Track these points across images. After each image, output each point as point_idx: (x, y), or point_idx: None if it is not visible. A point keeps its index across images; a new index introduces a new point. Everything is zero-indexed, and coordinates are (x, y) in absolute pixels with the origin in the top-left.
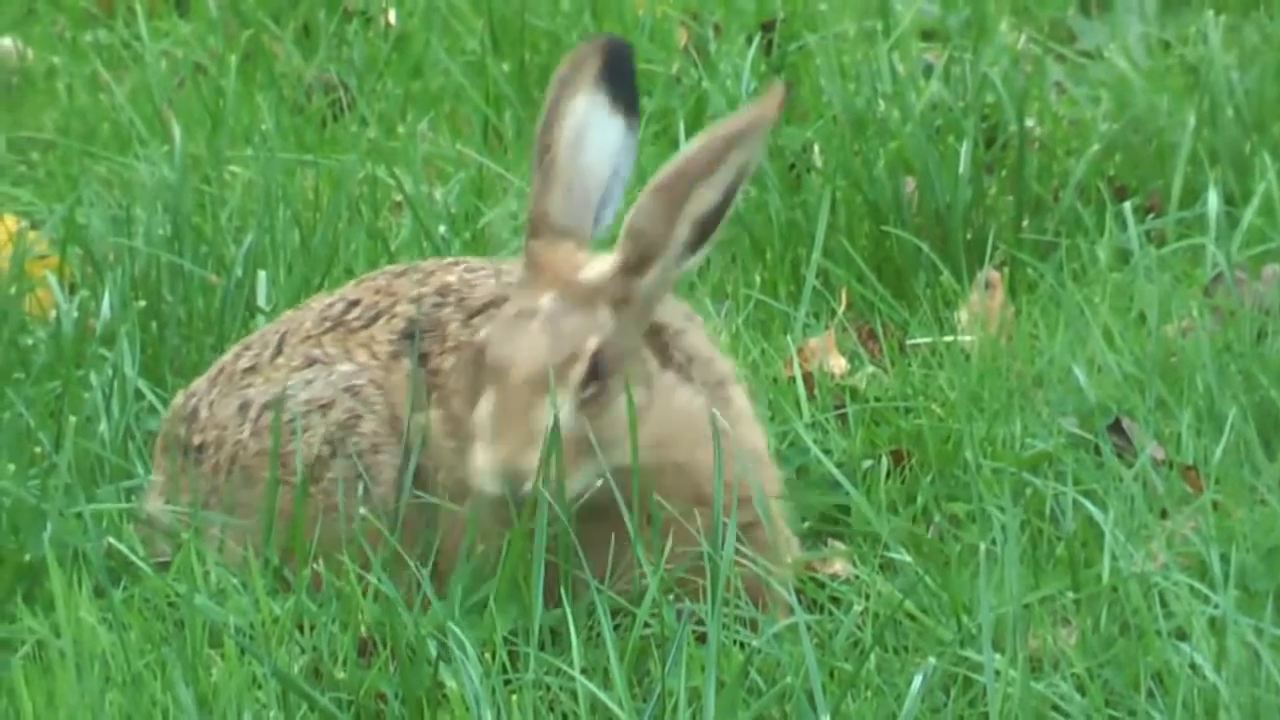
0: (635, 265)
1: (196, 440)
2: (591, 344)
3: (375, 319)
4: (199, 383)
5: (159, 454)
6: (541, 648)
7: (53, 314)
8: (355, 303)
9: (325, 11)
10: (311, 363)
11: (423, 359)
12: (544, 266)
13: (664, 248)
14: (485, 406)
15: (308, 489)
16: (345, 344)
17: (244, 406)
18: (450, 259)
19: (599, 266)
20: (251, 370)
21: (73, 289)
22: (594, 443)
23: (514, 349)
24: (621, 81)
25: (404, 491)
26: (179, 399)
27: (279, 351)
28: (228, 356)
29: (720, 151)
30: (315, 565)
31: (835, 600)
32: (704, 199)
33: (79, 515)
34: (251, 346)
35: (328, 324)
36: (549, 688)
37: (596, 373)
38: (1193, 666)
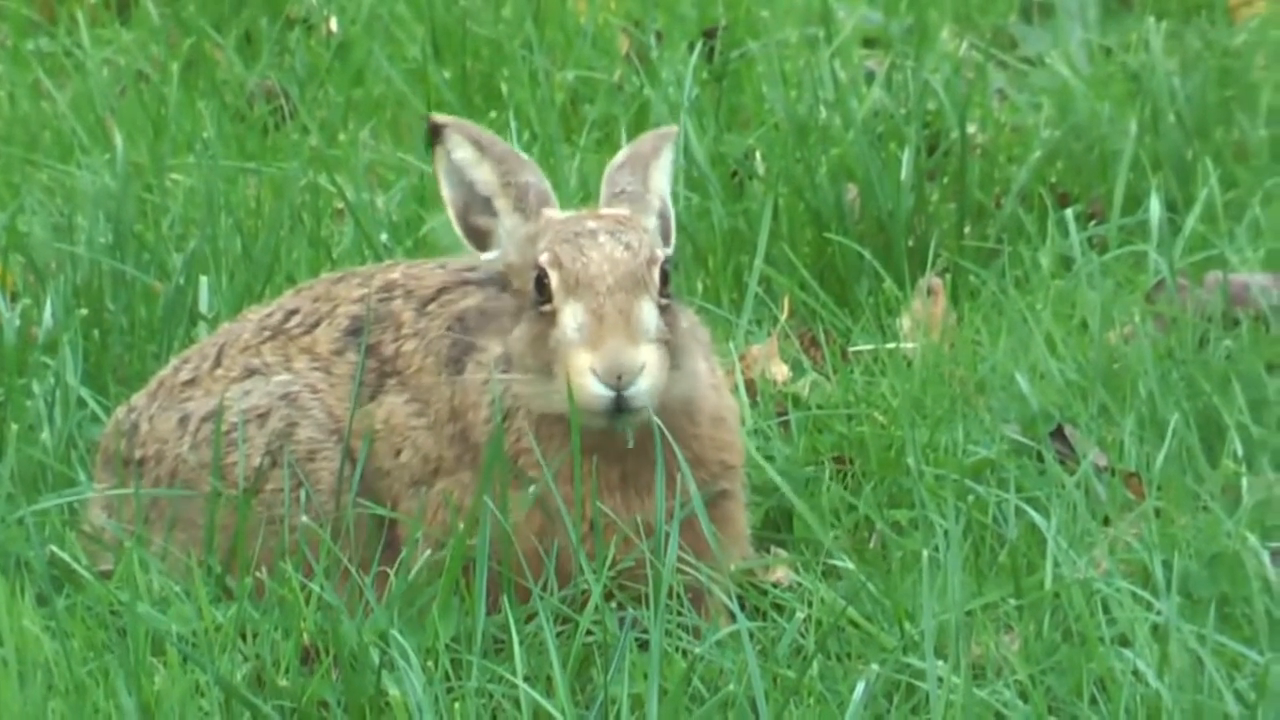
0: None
1: (137, 454)
2: (660, 252)
3: (316, 324)
4: (138, 397)
5: (99, 468)
6: (484, 655)
7: None
8: (294, 311)
9: (267, 19)
10: (251, 373)
11: (374, 349)
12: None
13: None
14: (575, 317)
15: (249, 500)
16: (285, 351)
17: (184, 420)
18: (388, 262)
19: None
20: (191, 383)
21: (14, 297)
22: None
23: (595, 259)
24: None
25: (343, 494)
26: (119, 413)
27: (218, 363)
28: (166, 370)
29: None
30: (258, 573)
31: (778, 607)
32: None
33: (21, 523)
34: (190, 359)
35: (267, 333)
36: (492, 695)
37: (666, 280)
38: (1135, 673)
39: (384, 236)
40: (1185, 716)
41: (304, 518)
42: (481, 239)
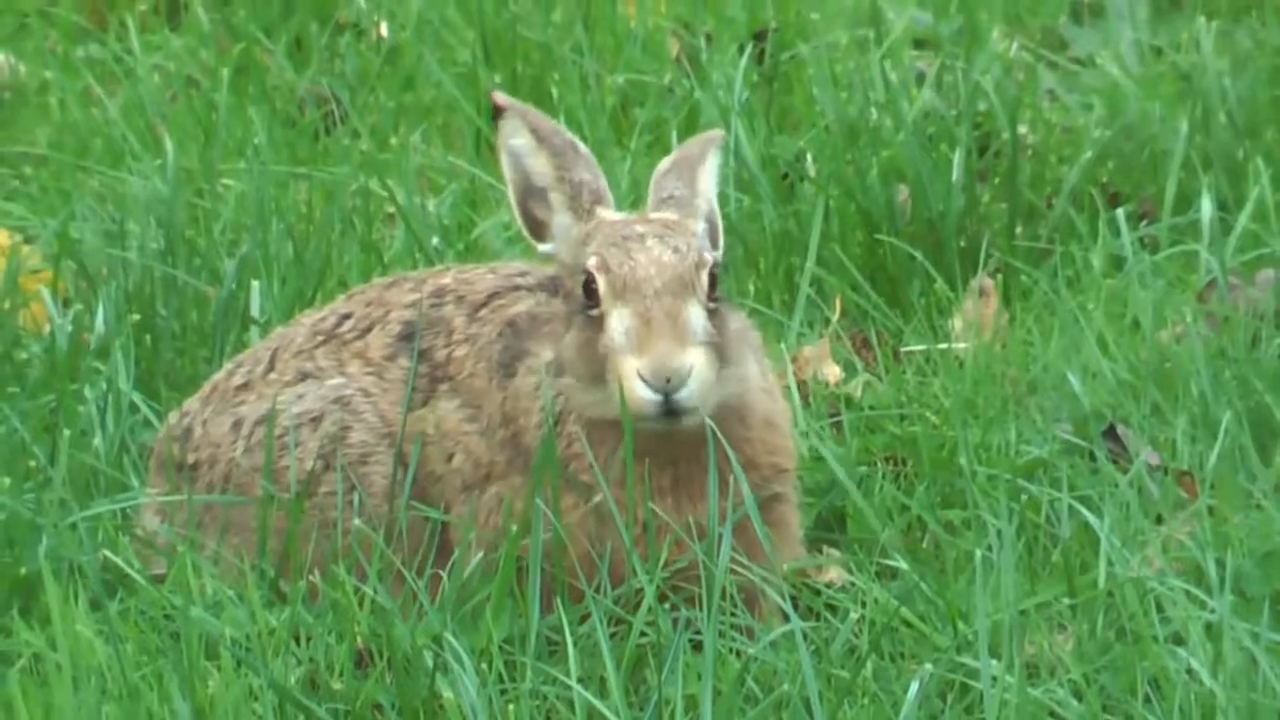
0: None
1: (190, 459)
2: (709, 255)
3: (369, 329)
4: (191, 402)
5: (153, 473)
6: (538, 657)
7: (47, 328)
8: (347, 316)
9: (317, 24)
10: (304, 377)
11: (425, 354)
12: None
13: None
14: (622, 321)
15: (301, 503)
16: (338, 355)
17: (237, 424)
18: (439, 267)
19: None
20: (244, 387)
21: (66, 303)
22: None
23: (642, 262)
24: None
25: (395, 497)
26: (173, 418)
27: (271, 367)
28: (220, 374)
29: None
30: (311, 577)
31: (831, 608)
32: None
33: (74, 528)
34: (243, 364)
35: (320, 338)
36: (545, 697)
37: (715, 283)
38: (1189, 672)
39: (435, 240)
40: (1239, 715)
41: (356, 521)
42: (538, 229)
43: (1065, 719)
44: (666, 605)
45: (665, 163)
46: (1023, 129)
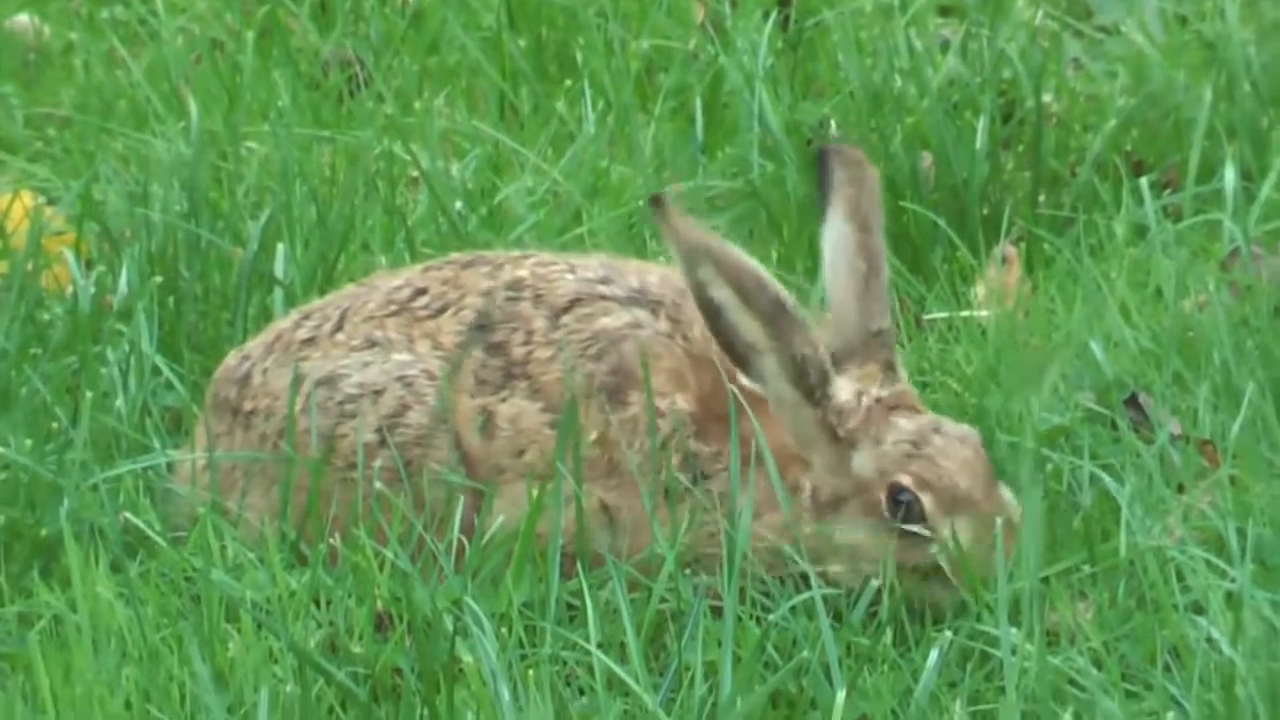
0: None
1: (248, 406)
2: None
3: (442, 310)
4: (254, 345)
5: (208, 408)
6: (558, 622)
7: (70, 290)
8: (422, 290)
9: None
10: (372, 344)
11: (499, 348)
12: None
13: None
14: (963, 536)
15: (327, 465)
16: (409, 331)
17: (298, 380)
18: (519, 252)
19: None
20: (310, 342)
21: (89, 265)
22: None
23: (963, 465)
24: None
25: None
26: (232, 359)
27: (340, 327)
28: (286, 323)
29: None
30: (333, 540)
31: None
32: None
33: (96, 490)
34: (311, 316)
35: (393, 307)
36: (565, 662)
37: None
38: (1209, 641)
39: (458, 204)
40: (1259, 684)
41: (378, 484)
42: (743, 363)
43: (1084, 687)
44: (687, 571)
45: (849, 245)
46: (1047, 97)
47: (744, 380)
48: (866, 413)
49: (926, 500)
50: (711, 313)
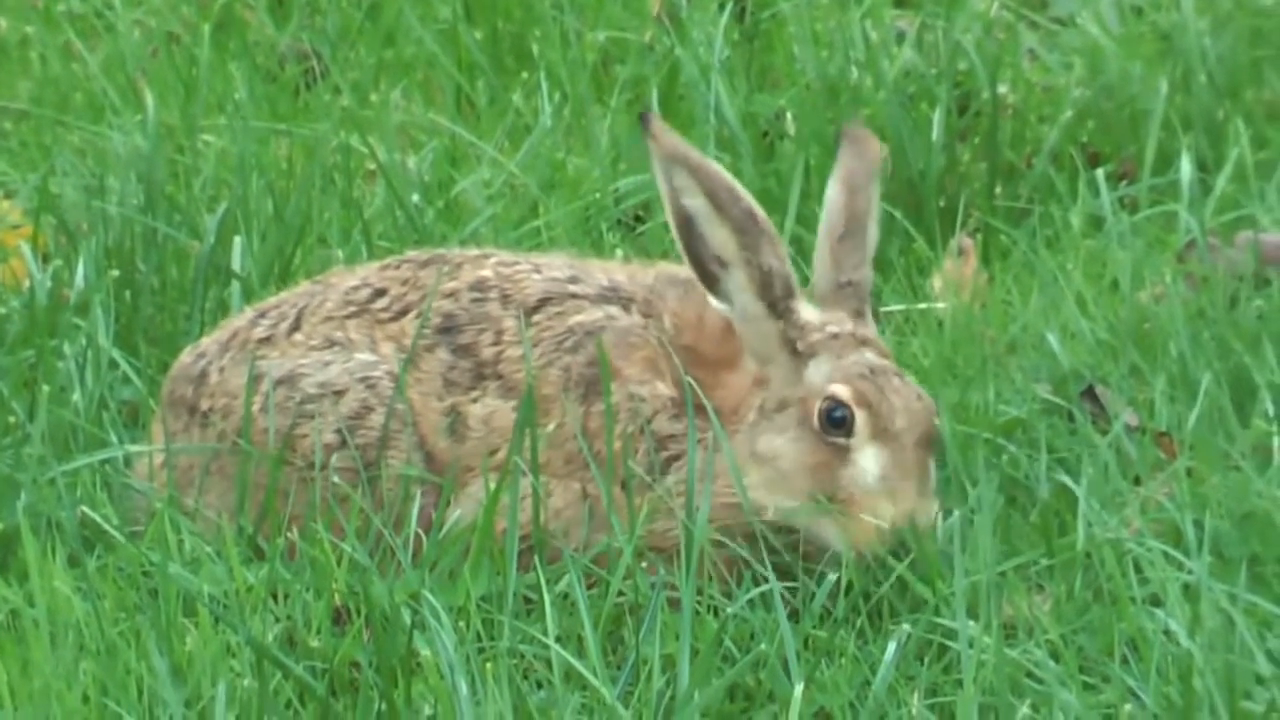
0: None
1: (205, 404)
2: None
3: (404, 312)
4: (208, 343)
5: (164, 405)
6: (516, 615)
7: (26, 283)
8: (381, 292)
9: None
10: (331, 345)
11: (468, 349)
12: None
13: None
14: (877, 464)
15: (285, 463)
16: (371, 333)
17: (256, 379)
18: (477, 250)
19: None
20: (267, 341)
21: (46, 258)
22: None
23: (900, 408)
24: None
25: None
26: (186, 357)
27: (297, 326)
28: (241, 321)
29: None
30: (289, 535)
31: (809, 569)
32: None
33: (53, 484)
34: (267, 314)
35: (352, 308)
36: (523, 655)
37: None
38: (1167, 633)
39: (415, 197)
40: (1216, 676)
41: (335, 478)
42: (709, 279)
43: (1042, 680)
44: (644, 564)
45: (834, 206)
46: (1003, 88)
47: (712, 301)
48: (837, 335)
49: (860, 417)
50: (684, 223)
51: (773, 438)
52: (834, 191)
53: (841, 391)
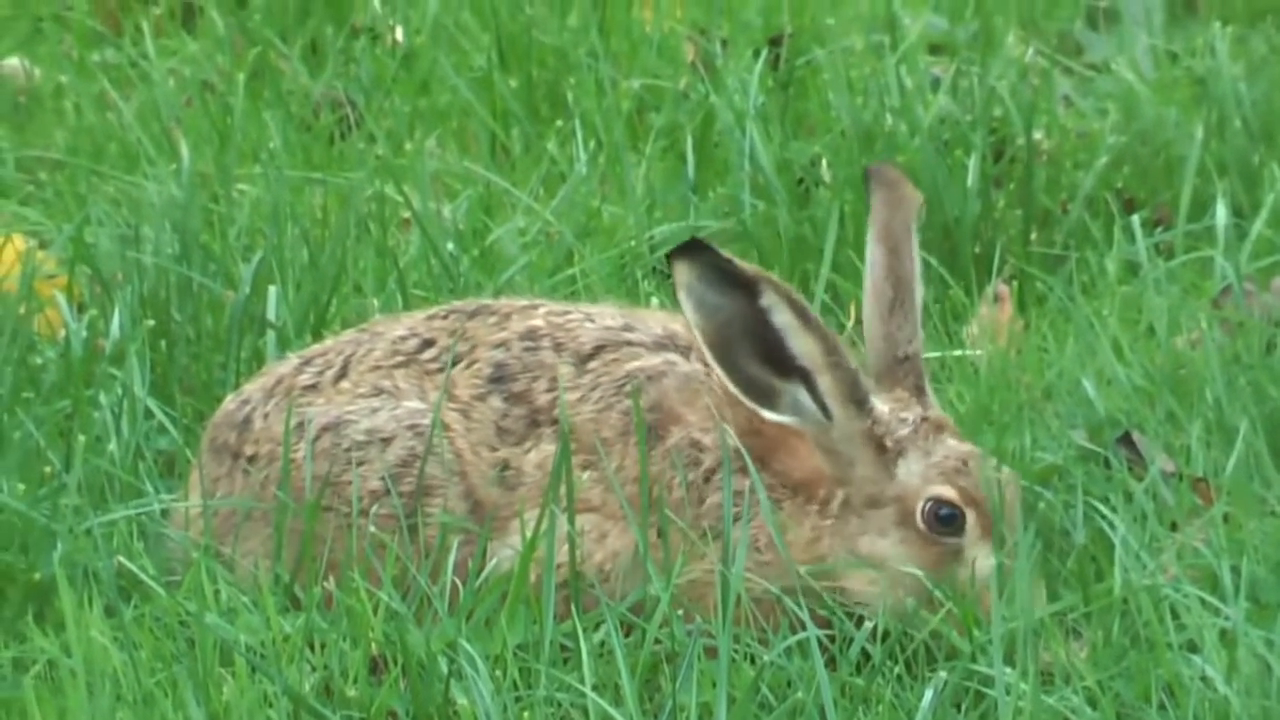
0: None
1: (249, 450)
2: None
3: (454, 363)
4: (252, 389)
5: (205, 451)
6: (552, 664)
7: (62, 333)
8: (430, 342)
9: (333, 28)
10: (379, 393)
11: (521, 396)
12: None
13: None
14: (991, 559)
15: (329, 511)
16: (421, 383)
17: (301, 426)
18: (524, 301)
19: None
20: (313, 389)
21: (81, 308)
22: None
23: (1005, 493)
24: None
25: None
26: (230, 403)
27: (344, 374)
28: (285, 368)
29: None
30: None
31: (846, 614)
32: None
33: (89, 534)
34: (313, 362)
35: (399, 358)
36: (560, 704)
37: None
38: (1204, 679)
39: (450, 246)
40: None
41: (371, 527)
42: (760, 394)
43: None
44: (680, 612)
45: (878, 271)
46: (1038, 134)
47: (769, 415)
48: (916, 426)
49: (970, 516)
50: (718, 345)
51: (874, 539)
52: (875, 253)
53: (947, 493)
